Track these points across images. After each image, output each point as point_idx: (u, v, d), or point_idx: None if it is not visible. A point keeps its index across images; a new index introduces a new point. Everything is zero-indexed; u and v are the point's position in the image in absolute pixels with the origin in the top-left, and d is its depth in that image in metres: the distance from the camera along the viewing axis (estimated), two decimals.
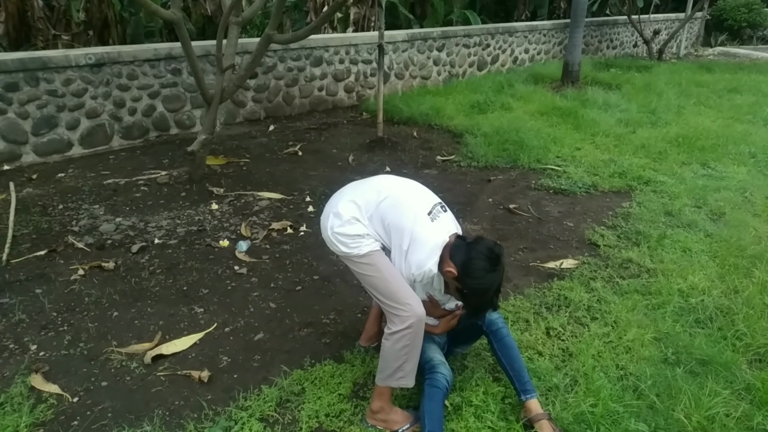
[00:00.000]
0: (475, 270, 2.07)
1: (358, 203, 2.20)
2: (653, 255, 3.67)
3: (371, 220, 2.18)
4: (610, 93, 8.21)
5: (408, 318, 2.09)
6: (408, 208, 2.15)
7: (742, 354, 2.71)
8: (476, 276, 2.07)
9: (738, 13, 15.58)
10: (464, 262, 2.08)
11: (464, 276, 2.08)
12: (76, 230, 3.94)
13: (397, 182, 2.33)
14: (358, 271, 2.23)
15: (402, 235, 2.12)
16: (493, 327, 2.35)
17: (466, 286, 2.10)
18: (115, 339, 2.81)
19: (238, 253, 3.69)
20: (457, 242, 2.15)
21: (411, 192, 2.26)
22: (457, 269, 2.08)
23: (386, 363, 2.18)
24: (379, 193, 2.20)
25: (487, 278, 2.09)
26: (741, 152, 5.74)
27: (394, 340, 2.13)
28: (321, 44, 7.34)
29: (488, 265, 2.08)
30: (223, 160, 5.45)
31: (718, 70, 10.46)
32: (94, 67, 5.46)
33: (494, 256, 2.09)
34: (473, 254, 2.09)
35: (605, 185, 4.90)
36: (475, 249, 2.10)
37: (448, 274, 2.11)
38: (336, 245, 2.22)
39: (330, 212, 2.25)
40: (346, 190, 2.33)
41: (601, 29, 12.45)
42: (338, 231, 2.19)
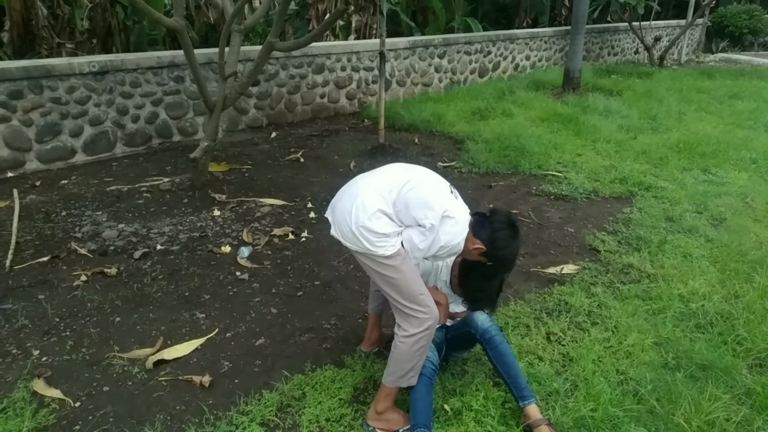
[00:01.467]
0: (502, 240, 2.12)
1: (382, 193, 2.08)
2: (654, 260, 3.68)
3: (395, 207, 2.07)
4: (611, 99, 8.23)
5: (427, 320, 2.10)
6: (432, 189, 2.11)
7: (743, 359, 2.72)
8: (504, 246, 2.13)
9: (739, 19, 15.63)
10: (491, 236, 2.11)
11: (493, 249, 2.11)
12: (78, 236, 3.96)
13: (412, 168, 2.25)
14: (378, 270, 2.12)
15: (427, 211, 2.04)
16: (486, 335, 2.34)
17: (495, 258, 2.13)
18: (117, 344, 2.83)
19: (239, 259, 3.71)
20: (477, 219, 2.18)
21: (428, 175, 2.21)
22: (485, 244, 2.11)
23: (399, 365, 2.18)
24: (400, 179, 2.12)
25: (513, 246, 2.17)
26: (742, 158, 5.75)
27: (411, 342, 2.12)
28: (323, 52, 7.39)
29: (512, 233, 2.15)
30: (225, 166, 5.48)
31: (719, 77, 10.49)
32: (97, 75, 5.50)
33: (513, 223, 2.17)
34: (496, 226, 2.13)
35: (606, 191, 4.91)
36: (497, 221, 2.15)
37: (476, 251, 2.13)
38: (360, 241, 2.07)
39: (352, 205, 2.09)
40: (360, 181, 2.21)
41: (602, 36, 12.50)
42: (365, 225, 2.05)
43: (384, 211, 2.06)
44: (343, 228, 2.12)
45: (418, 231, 2.07)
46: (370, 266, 2.14)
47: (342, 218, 2.13)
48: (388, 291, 2.15)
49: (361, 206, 2.07)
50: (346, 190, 2.22)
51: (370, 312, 2.69)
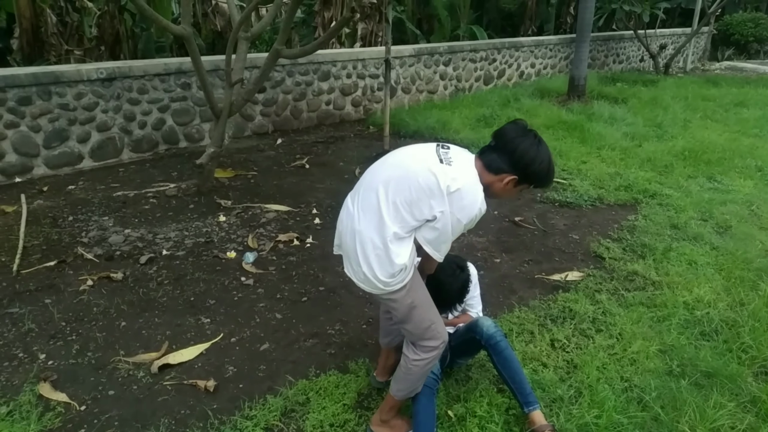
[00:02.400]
0: (527, 154, 1.89)
1: (382, 214, 1.89)
2: (659, 268, 3.67)
3: (400, 213, 1.88)
4: (616, 107, 8.24)
5: (441, 344, 2.09)
6: (418, 172, 1.87)
7: (748, 366, 2.71)
8: (533, 158, 1.89)
9: (744, 27, 15.63)
10: (513, 159, 1.90)
11: (525, 170, 1.90)
12: (85, 242, 3.99)
13: (387, 160, 2.04)
14: (394, 306, 2.02)
15: (431, 201, 1.84)
16: (491, 341, 2.34)
17: (532, 174, 1.92)
18: (123, 348, 2.84)
19: (244, 264, 3.72)
20: (485, 157, 1.95)
21: (408, 160, 1.96)
22: (513, 172, 1.91)
23: (411, 383, 2.17)
24: (382, 183, 1.93)
25: (542, 151, 1.91)
26: (747, 166, 5.74)
27: (422, 365, 2.10)
28: (329, 59, 7.43)
29: (532, 139, 1.91)
30: (231, 172, 5.51)
31: (725, 85, 10.48)
32: (105, 82, 5.56)
33: (525, 128, 1.95)
34: (511, 145, 1.90)
35: (611, 198, 4.91)
36: (508, 139, 1.92)
37: (509, 185, 1.93)
38: (378, 286, 1.94)
39: (363, 247, 1.92)
40: (356, 214, 1.99)
41: (607, 44, 12.52)
42: (385, 270, 1.91)
43: (397, 234, 1.89)
44: (357, 271, 1.99)
45: (430, 229, 1.89)
46: (387, 302, 2.05)
47: (355, 261, 1.98)
48: (403, 324, 2.08)
49: (371, 246, 1.91)
50: (347, 227, 2.02)
51: (384, 346, 2.56)
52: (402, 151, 2.04)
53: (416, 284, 2.04)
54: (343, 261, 2.10)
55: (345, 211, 2.08)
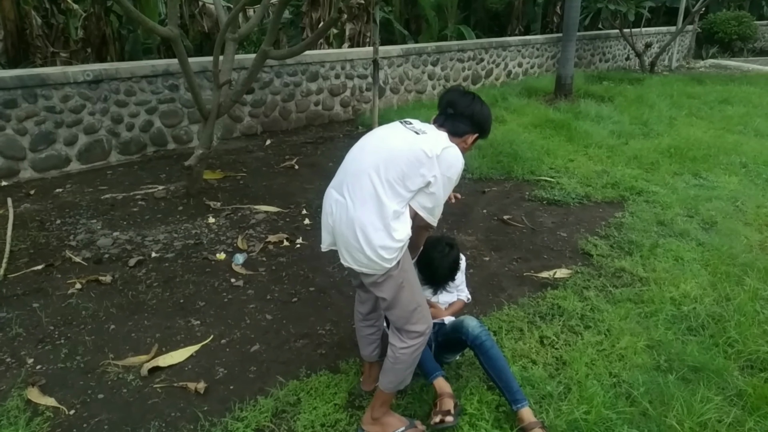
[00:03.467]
0: (481, 113, 2.22)
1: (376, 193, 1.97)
2: (646, 264, 3.71)
3: (395, 189, 1.98)
4: (603, 105, 8.30)
5: (426, 329, 2.14)
6: (402, 153, 1.99)
7: (734, 360, 2.74)
8: (486, 115, 2.24)
9: (728, 26, 15.79)
10: (474, 122, 2.20)
11: (482, 126, 2.23)
12: (73, 245, 3.96)
13: (369, 149, 2.11)
14: (386, 286, 2.07)
15: (421, 169, 1.97)
16: (477, 341, 2.36)
17: (487, 129, 2.26)
18: (112, 352, 2.83)
19: (234, 265, 3.71)
20: (448, 125, 2.20)
21: (387, 142, 2.08)
22: (474, 131, 2.22)
23: (399, 373, 2.19)
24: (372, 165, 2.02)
25: (486, 107, 2.25)
26: (732, 162, 5.81)
27: (410, 352, 2.14)
28: (317, 60, 7.43)
29: (478, 101, 2.24)
30: (220, 174, 5.49)
31: (710, 82, 10.59)
32: (92, 84, 5.52)
33: (464, 92, 2.26)
34: (470, 109, 2.20)
35: (598, 196, 4.96)
36: (466, 107, 2.21)
37: (471, 143, 2.24)
38: (378, 263, 1.99)
39: (361, 231, 1.97)
40: (342, 201, 2.05)
41: (593, 43, 12.61)
42: (383, 245, 1.96)
43: (396, 212, 1.97)
44: (358, 258, 2.02)
45: (426, 195, 2.02)
46: (380, 285, 2.07)
47: (355, 248, 2.00)
48: (390, 309, 2.12)
49: (372, 229, 1.96)
50: (340, 218, 2.05)
51: (366, 358, 2.54)
52: (372, 136, 2.19)
53: (407, 263, 2.12)
54: (340, 252, 2.12)
55: (333, 204, 2.10)
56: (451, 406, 2.30)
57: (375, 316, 2.47)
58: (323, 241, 2.20)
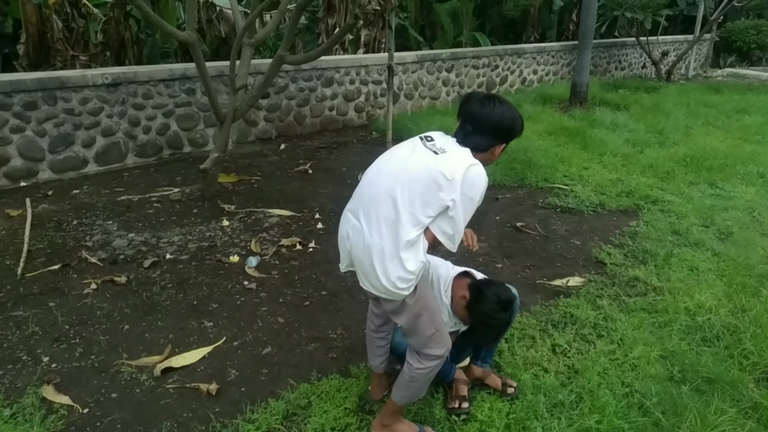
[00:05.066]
0: (504, 120, 2.03)
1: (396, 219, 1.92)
2: (660, 273, 3.68)
3: (412, 211, 1.92)
4: (618, 113, 8.25)
5: (444, 352, 2.10)
6: (421, 177, 1.93)
7: (749, 372, 2.71)
8: (510, 120, 2.05)
9: (747, 34, 15.63)
10: (497, 132, 2.04)
11: (509, 134, 2.07)
12: (89, 245, 4.01)
13: (387, 171, 2.05)
14: (407, 314, 2.04)
15: (440, 194, 1.91)
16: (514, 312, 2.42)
17: (515, 134, 2.08)
18: (126, 352, 2.86)
19: (247, 268, 3.74)
20: (468, 142, 2.03)
21: (405, 163, 2.00)
22: (501, 141, 2.08)
23: (413, 390, 2.18)
24: (389, 188, 1.96)
25: (510, 110, 2.07)
26: (749, 172, 5.74)
27: (426, 372, 2.10)
28: (332, 65, 7.47)
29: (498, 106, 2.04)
30: (234, 177, 5.53)
31: (727, 91, 10.49)
32: (110, 87, 5.60)
33: (481, 99, 2.05)
34: (491, 119, 2.03)
35: (612, 204, 4.92)
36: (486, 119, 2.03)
37: (499, 153, 2.11)
38: (396, 293, 1.97)
39: (388, 263, 1.93)
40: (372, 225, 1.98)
41: (609, 50, 12.55)
42: (400, 276, 1.94)
43: (410, 241, 1.92)
44: (376, 285, 2.00)
45: (446, 220, 1.95)
46: (397, 311, 2.06)
47: (372, 276, 1.99)
48: (408, 334, 2.11)
49: (389, 257, 1.93)
50: (357, 243, 2.02)
51: (374, 369, 2.50)
52: (390, 157, 2.10)
53: (424, 290, 2.07)
54: (358, 275, 2.10)
55: (350, 229, 2.06)
56: (466, 392, 2.42)
57: (387, 329, 2.45)
58: (342, 261, 2.18)
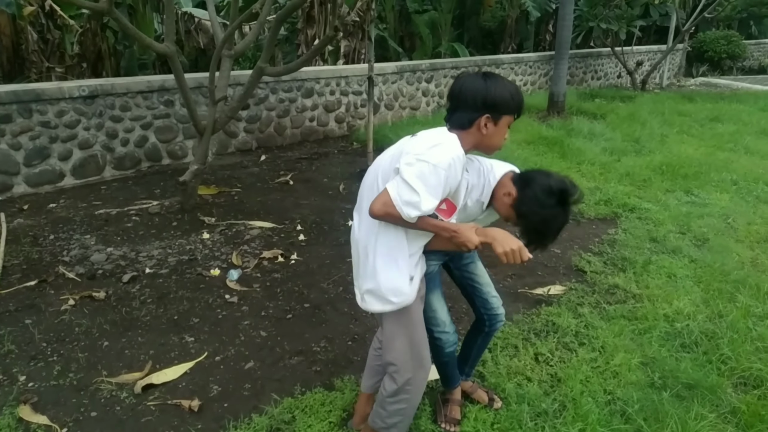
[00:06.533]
0: (481, 88, 1.84)
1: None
2: (639, 280, 3.73)
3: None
4: (595, 122, 8.39)
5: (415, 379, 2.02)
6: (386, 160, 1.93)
7: (728, 378, 2.75)
8: (487, 87, 1.84)
9: (717, 44, 16.04)
10: (476, 102, 1.84)
11: (490, 102, 1.83)
12: (66, 260, 3.94)
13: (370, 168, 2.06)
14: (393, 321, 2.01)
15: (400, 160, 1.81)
16: (495, 325, 2.40)
17: (499, 101, 1.84)
18: (105, 369, 2.81)
19: (229, 282, 3.71)
20: (453, 121, 1.91)
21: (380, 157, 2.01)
22: (483, 111, 1.84)
23: (382, 417, 2.12)
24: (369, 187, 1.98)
25: (492, 78, 1.87)
26: (723, 179, 5.86)
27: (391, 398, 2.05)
28: (312, 76, 7.48)
29: (480, 76, 1.87)
30: (214, 189, 5.49)
31: (700, 100, 10.72)
32: (87, 99, 5.53)
33: (470, 74, 1.91)
34: (467, 89, 1.86)
35: (591, 212, 4.99)
36: (464, 90, 1.87)
37: (488, 127, 1.86)
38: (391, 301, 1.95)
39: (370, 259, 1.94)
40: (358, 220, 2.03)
41: (585, 61, 12.77)
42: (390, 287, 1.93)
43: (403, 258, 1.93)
44: (360, 284, 2.03)
45: (398, 181, 1.76)
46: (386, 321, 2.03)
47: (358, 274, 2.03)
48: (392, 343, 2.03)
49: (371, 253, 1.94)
50: (351, 239, 2.08)
51: (364, 390, 2.42)
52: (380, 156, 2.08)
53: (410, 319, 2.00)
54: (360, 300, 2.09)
55: (352, 229, 2.11)
56: (458, 415, 2.41)
57: None
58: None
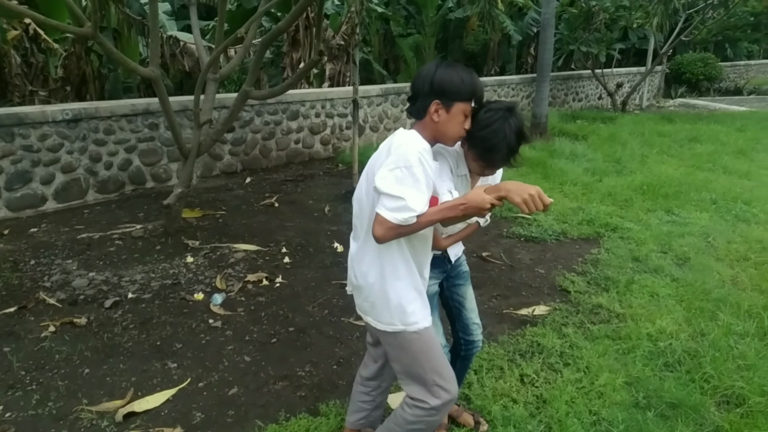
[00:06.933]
0: (428, 71, 1.75)
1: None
2: (622, 300, 3.76)
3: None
4: (577, 143, 8.52)
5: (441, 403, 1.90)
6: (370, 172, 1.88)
7: (711, 396, 2.78)
8: (433, 69, 1.75)
9: (695, 66, 16.46)
10: (424, 87, 1.74)
11: (435, 86, 1.73)
12: (47, 286, 3.89)
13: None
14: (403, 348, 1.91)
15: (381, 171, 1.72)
16: (472, 351, 2.44)
17: (446, 84, 1.74)
18: (86, 397, 2.76)
19: (212, 306, 3.68)
20: (411, 113, 1.83)
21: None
22: (430, 97, 1.75)
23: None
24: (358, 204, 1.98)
25: (443, 63, 1.78)
26: (702, 199, 5.97)
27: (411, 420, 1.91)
28: (297, 99, 7.53)
29: (434, 61, 1.77)
30: (199, 212, 5.47)
31: (679, 121, 10.95)
32: (70, 123, 5.51)
33: (442, 62, 1.80)
34: (419, 73, 1.77)
35: (574, 232, 5.04)
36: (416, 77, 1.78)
37: (440, 114, 1.76)
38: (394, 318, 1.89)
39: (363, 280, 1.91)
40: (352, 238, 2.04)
41: (566, 83, 13.00)
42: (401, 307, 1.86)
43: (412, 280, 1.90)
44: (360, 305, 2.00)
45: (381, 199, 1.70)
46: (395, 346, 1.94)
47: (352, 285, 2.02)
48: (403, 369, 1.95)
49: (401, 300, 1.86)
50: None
51: (349, 425, 2.32)
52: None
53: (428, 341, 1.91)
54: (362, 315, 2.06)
55: None
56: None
57: (374, 385, 2.25)
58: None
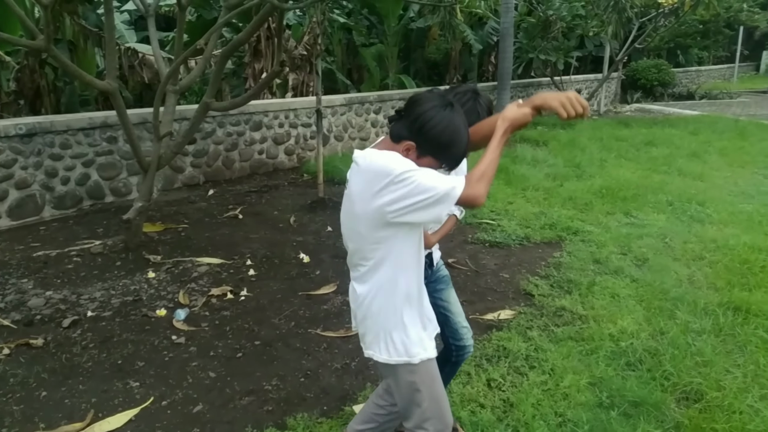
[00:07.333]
0: (425, 114, 1.62)
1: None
2: (584, 302, 3.84)
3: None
4: (538, 149, 8.69)
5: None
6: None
7: (671, 393, 2.85)
8: (430, 117, 1.62)
9: (649, 73, 17.00)
10: (412, 123, 1.64)
11: (420, 133, 1.63)
12: (1, 307, 3.74)
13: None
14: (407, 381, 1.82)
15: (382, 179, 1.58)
16: (463, 356, 2.45)
17: (431, 139, 1.63)
18: (43, 421, 2.66)
19: (175, 322, 3.60)
20: (392, 127, 1.71)
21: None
22: (410, 137, 1.65)
23: None
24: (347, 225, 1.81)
25: (444, 114, 1.63)
26: (659, 201, 6.15)
27: None
28: (260, 109, 7.48)
29: (438, 103, 1.64)
30: (160, 226, 5.36)
31: (635, 125, 11.28)
32: (24, 137, 5.34)
33: (438, 94, 1.70)
34: (417, 106, 1.65)
35: (537, 237, 5.13)
36: (414, 104, 1.67)
37: (411, 156, 1.65)
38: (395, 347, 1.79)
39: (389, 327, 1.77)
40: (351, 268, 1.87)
41: (526, 90, 13.26)
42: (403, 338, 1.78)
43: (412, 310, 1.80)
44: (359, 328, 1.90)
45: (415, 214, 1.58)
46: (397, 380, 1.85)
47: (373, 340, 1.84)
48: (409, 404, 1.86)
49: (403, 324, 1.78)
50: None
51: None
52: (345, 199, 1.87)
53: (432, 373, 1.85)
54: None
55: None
56: None
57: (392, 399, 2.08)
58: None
